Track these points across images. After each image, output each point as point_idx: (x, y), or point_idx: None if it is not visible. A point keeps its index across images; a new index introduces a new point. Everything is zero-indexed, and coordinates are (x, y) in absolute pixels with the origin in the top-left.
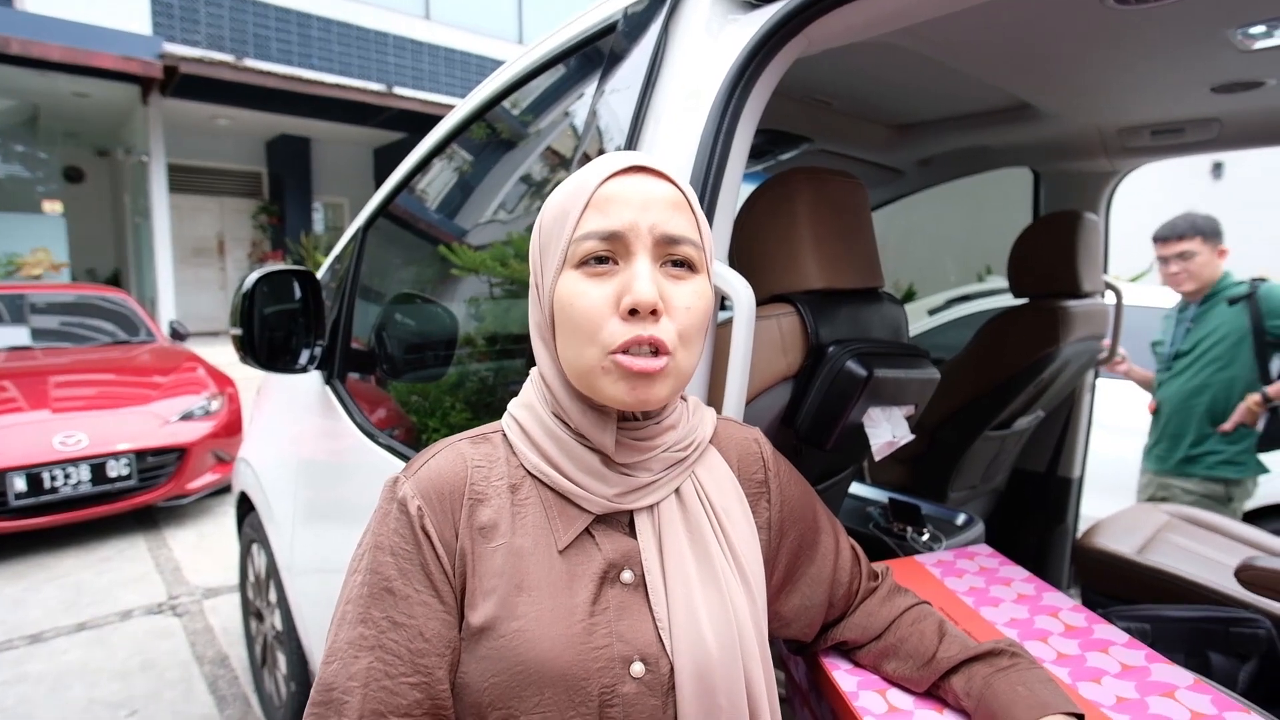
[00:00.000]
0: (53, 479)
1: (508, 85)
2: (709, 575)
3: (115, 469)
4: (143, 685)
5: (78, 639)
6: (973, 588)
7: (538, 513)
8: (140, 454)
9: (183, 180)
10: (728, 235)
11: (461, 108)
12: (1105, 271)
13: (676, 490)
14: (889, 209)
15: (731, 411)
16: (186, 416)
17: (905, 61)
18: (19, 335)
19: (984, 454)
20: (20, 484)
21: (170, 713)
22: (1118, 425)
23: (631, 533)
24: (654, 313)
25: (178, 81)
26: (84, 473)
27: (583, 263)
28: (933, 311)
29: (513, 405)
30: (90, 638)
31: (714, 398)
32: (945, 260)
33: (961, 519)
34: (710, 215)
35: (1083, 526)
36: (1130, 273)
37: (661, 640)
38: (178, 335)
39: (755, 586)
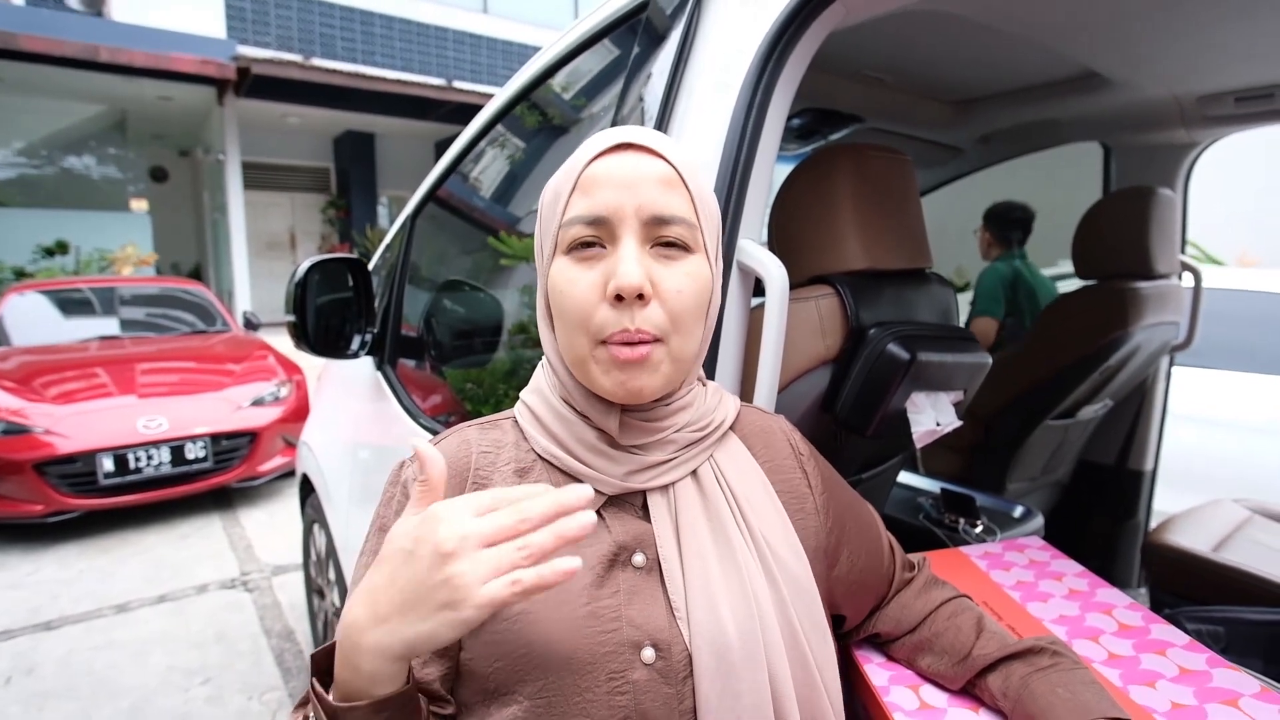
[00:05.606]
0: (136, 460)
1: (543, 71)
2: (729, 561)
3: (193, 451)
4: (216, 655)
5: (159, 610)
6: (1020, 581)
7: None
8: (215, 437)
9: (256, 177)
10: (760, 215)
11: (500, 95)
12: (1182, 251)
13: (694, 473)
14: (947, 190)
15: (763, 396)
16: (257, 402)
17: (960, 31)
18: (110, 325)
19: (1045, 444)
20: (109, 464)
21: (240, 683)
22: (1194, 415)
23: (644, 516)
24: (640, 297)
25: (250, 82)
26: (165, 454)
27: (572, 248)
28: None
29: (524, 392)
30: (170, 609)
31: (746, 382)
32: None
33: (1019, 511)
34: (741, 194)
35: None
36: None
37: (678, 625)
38: (250, 325)
39: (782, 576)
